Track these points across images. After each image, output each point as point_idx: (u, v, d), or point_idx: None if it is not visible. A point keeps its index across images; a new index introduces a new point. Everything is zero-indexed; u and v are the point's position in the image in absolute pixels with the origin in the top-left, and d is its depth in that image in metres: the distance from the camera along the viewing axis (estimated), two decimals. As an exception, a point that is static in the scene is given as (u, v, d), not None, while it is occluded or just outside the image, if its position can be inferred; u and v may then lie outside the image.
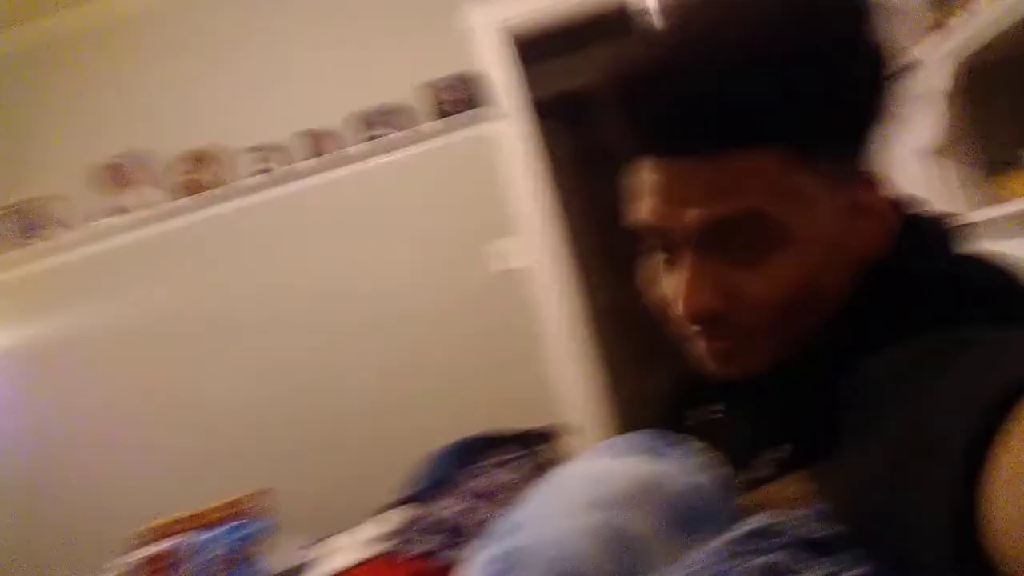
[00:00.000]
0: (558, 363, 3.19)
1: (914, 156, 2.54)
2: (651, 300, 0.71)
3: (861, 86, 0.63)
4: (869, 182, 0.67)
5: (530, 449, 2.60)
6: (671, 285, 0.67)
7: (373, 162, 3.24)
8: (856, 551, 0.42)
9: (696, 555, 0.47)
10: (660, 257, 0.68)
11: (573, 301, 3.21)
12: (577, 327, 3.21)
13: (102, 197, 3.32)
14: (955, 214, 0.72)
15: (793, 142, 0.61)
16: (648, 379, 3.73)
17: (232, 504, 1.15)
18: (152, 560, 1.01)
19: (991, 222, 2.13)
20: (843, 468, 0.47)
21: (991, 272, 0.64)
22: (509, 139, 3.21)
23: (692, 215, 0.63)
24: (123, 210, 3.32)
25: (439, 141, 3.21)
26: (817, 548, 0.44)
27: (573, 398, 3.17)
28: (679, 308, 0.65)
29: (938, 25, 2.45)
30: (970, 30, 2.23)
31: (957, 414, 0.33)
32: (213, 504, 1.16)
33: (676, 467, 0.63)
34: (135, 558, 1.02)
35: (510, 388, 3.16)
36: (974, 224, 2.12)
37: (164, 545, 1.02)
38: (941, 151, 2.54)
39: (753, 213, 0.61)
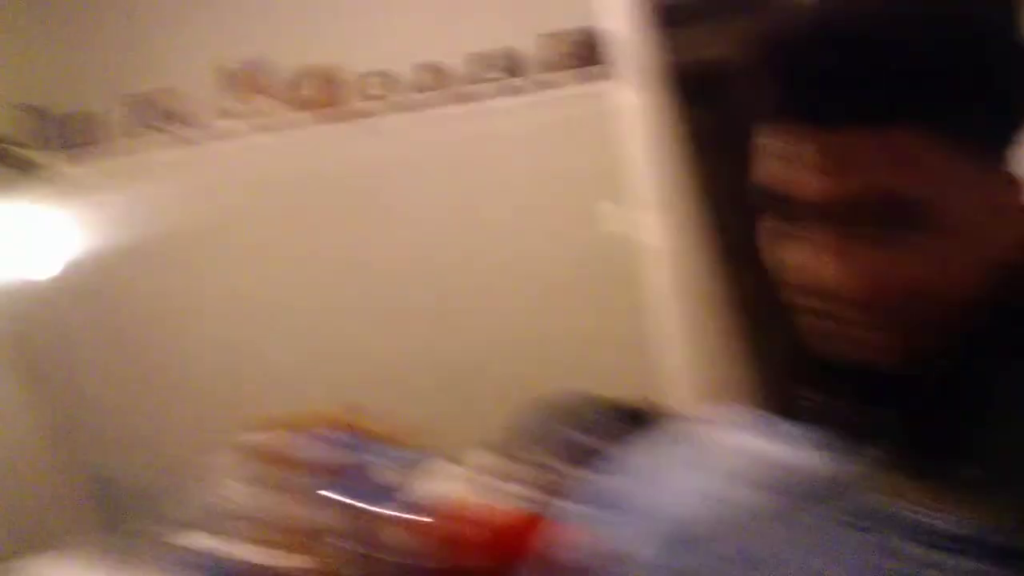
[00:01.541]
0: (664, 342, 3.11)
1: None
2: (771, 267, 0.70)
3: (1016, 81, 0.62)
4: (1012, 184, 0.64)
5: (630, 421, 2.58)
6: (794, 255, 0.65)
7: (490, 104, 3.23)
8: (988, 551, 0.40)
9: (814, 524, 0.47)
10: (781, 225, 0.66)
11: (688, 284, 3.14)
12: (690, 310, 3.14)
13: (225, 100, 3.39)
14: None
15: (944, 125, 0.59)
16: (749, 368, 3.64)
17: (331, 416, 1.17)
18: (273, 452, 1.04)
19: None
20: (994, 481, 0.45)
21: None
22: (631, 103, 3.14)
23: (827, 187, 0.60)
24: (240, 116, 3.38)
25: (557, 93, 3.18)
26: (944, 541, 0.43)
27: (676, 379, 3.10)
28: (802, 279, 0.63)
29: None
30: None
31: None
32: (309, 411, 1.20)
33: (800, 451, 0.62)
34: (255, 442, 1.05)
35: (606, 353, 3.11)
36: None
37: (281, 439, 1.05)
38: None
39: (890, 192, 0.59)
